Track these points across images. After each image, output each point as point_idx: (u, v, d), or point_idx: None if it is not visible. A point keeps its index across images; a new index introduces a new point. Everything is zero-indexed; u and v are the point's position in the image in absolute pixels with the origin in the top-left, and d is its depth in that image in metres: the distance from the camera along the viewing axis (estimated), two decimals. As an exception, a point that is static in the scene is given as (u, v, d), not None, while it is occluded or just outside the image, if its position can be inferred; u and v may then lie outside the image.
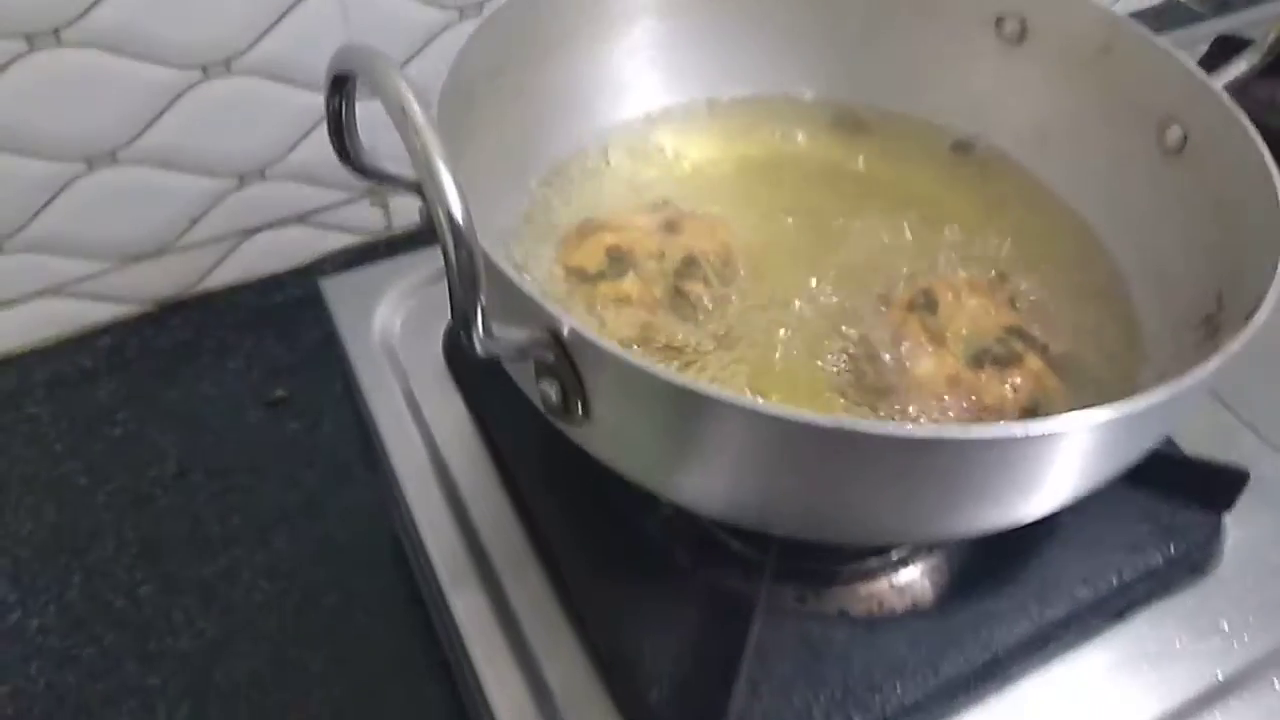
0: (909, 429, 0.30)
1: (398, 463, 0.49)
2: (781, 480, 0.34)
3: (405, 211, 0.85)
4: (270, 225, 0.80)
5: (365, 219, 0.83)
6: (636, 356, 0.31)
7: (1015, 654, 0.42)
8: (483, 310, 0.29)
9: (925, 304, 0.46)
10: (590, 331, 0.31)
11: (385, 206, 0.84)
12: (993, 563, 0.46)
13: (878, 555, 0.47)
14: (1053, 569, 0.44)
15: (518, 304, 0.32)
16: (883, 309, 0.46)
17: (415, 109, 0.27)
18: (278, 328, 0.79)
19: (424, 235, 0.84)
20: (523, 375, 0.36)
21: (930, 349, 0.44)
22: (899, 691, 0.40)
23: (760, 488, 0.35)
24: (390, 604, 0.64)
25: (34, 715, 0.58)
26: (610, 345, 0.31)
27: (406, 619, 0.63)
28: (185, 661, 0.61)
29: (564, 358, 0.32)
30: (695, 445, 0.33)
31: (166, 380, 0.76)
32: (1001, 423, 0.39)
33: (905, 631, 0.42)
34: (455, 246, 0.27)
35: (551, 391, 0.33)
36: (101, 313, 0.77)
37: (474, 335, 0.29)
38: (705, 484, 0.35)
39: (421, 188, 0.27)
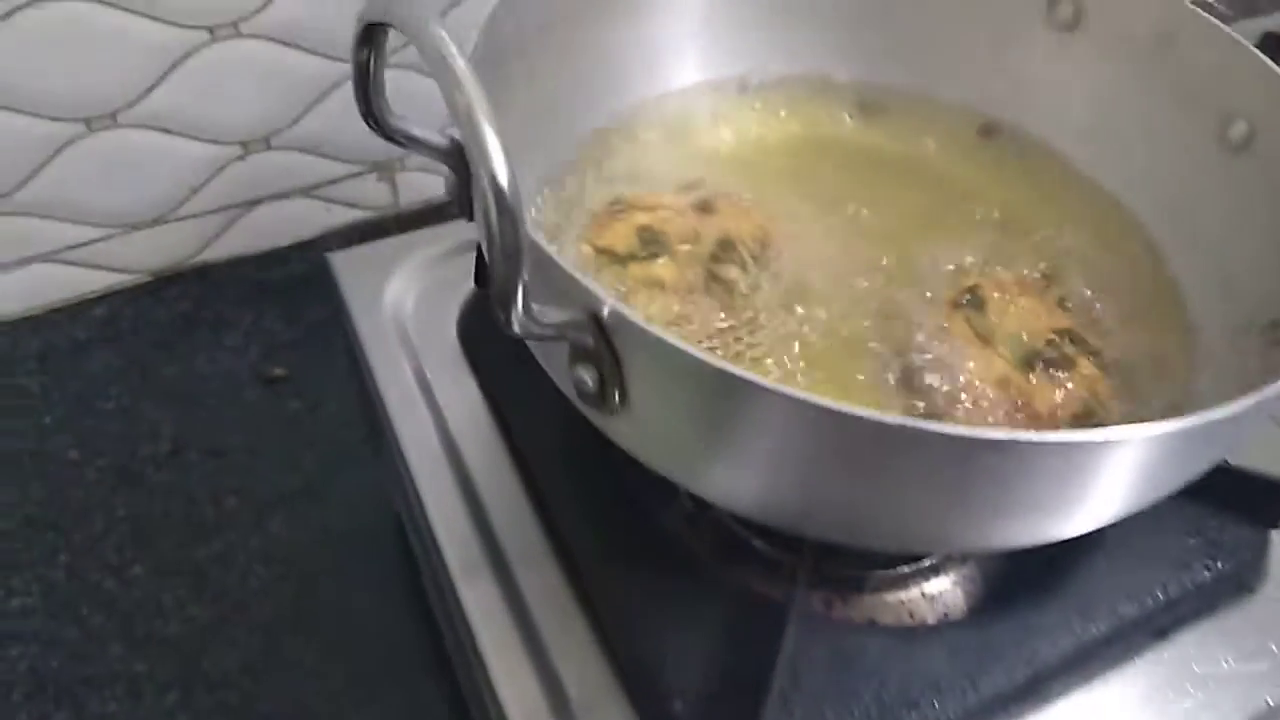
0: (978, 430, 0.27)
1: (407, 446, 0.46)
2: (826, 479, 0.31)
3: (413, 188, 0.82)
4: (274, 197, 0.77)
5: (372, 194, 0.81)
6: (684, 342, 0.28)
7: (1057, 671, 0.40)
8: (525, 286, 0.26)
9: (972, 302, 0.44)
10: (635, 314, 0.29)
11: (393, 182, 0.81)
12: (1029, 573, 0.43)
13: (910, 562, 0.45)
14: (1094, 582, 0.42)
15: (555, 283, 0.30)
16: (927, 303, 0.43)
17: (458, 60, 0.25)
18: (279, 303, 0.77)
19: (432, 213, 0.82)
20: (553, 361, 0.34)
21: (978, 349, 0.42)
22: (936, 708, 0.38)
23: (802, 486, 0.32)
24: (390, 594, 0.61)
25: (13, 700, 0.55)
26: (657, 329, 0.28)
27: (407, 610, 0.60)
28: (174, 647, 0.58)
29: (603, 341, 0.30)
30: (739, 438, 0.31)
31: (162, 354, 0.73)
32: (1071, 430, 0.36)
33: (943, 643, 0.40)
34: (499, 214, 0.25)
35: (587, 377, 0.31)
36: (97, 282, 0.74)
37: (513, 313, 0.27)
38: (743, 480, 0.33)
39: (464, 149, 0.24)
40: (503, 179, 0.24)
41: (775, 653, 0.37)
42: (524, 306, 0.27)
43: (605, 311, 0.29)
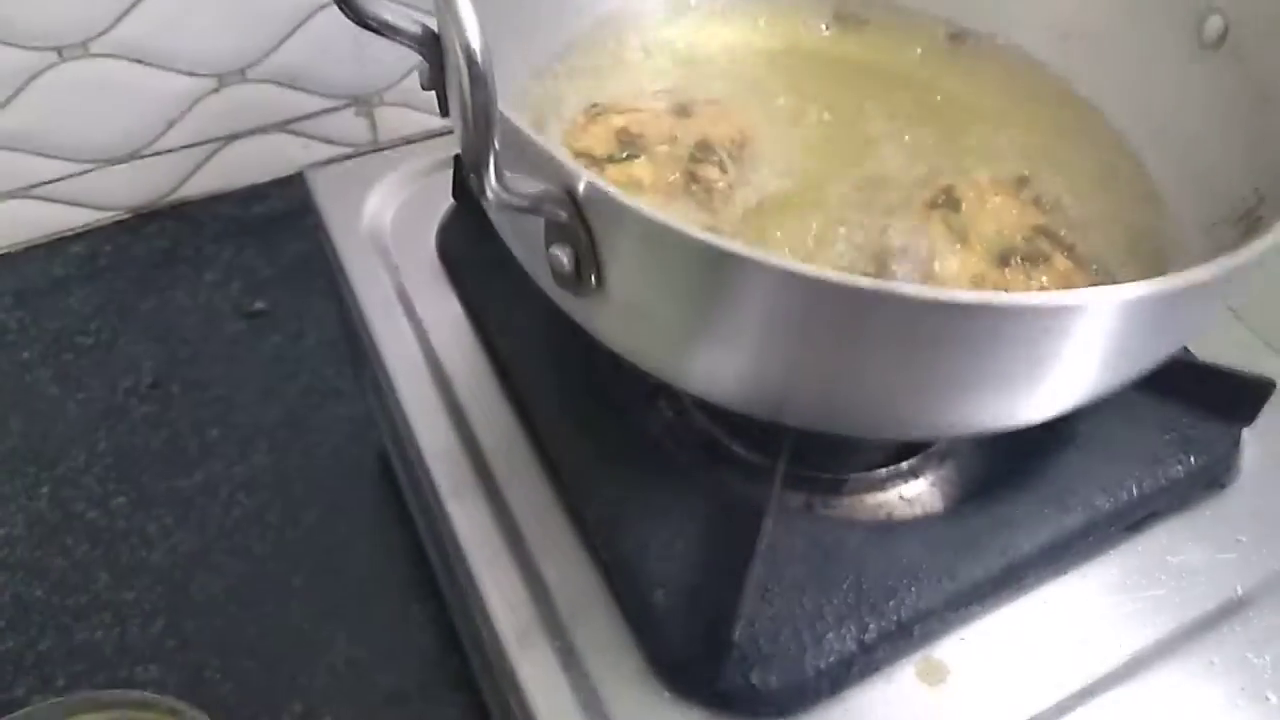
0: (949, 292, 0.28)
1: (390, 361, 0.46)
2: (803, 355, 0.31)
3: (391, 123, 0.81)
4: (251, 132, 0.76)
5: (350, 130, 0.80)
6: (658, 212, 0.28)
7: (1033, 561, 0.40)
8: (496, 155, 0.26)
9: (947, 202, 0.44)
10: (610, 186, 0.29)
11: (371, 117, 0.80)
12: (1005, 472, 0.44)
13: (887, 465, 0.45)
14: (1069, 477, 0.43)
15: (530, 160, 0.30)
16: (902, 204, 0.43)
17: (427, -82, 0.24)
18: (258, 239, 0.76)
19: (411, 148, 0.81)
20: (528, 246, 0.34)
21: (954, 248, 0.42)
22: (914, 595, 0.38)
23: (779, 364, 0.32)
24: (375, 522, 0.61)
25: None
26: (631, 200, 0.28)
27: (391, 537, 0.61)
28: (160, 575, 0.58)
29: (578, 217, 0.30)
30: (717, 314, 0.31)
31: (141, 290, 0.73)
32: (1035, 292, 0.36)
33: (920, 536, 0.40)
34: (471, 83, 0.24)
35: (563, 256, 0.31)
36: (74, 218, 0.74)
37: (486, 181, 0.27)
38: (720, 364, 0.33)
39: (439, 27, 0.24)
40: (475, 43, 0.24)
41: (753, 544, 0.37)
42: (497, 174, 0.27)
43: (581, 186, 0.29)
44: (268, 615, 0.57)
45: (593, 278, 0.31)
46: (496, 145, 0.26)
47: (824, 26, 0.52)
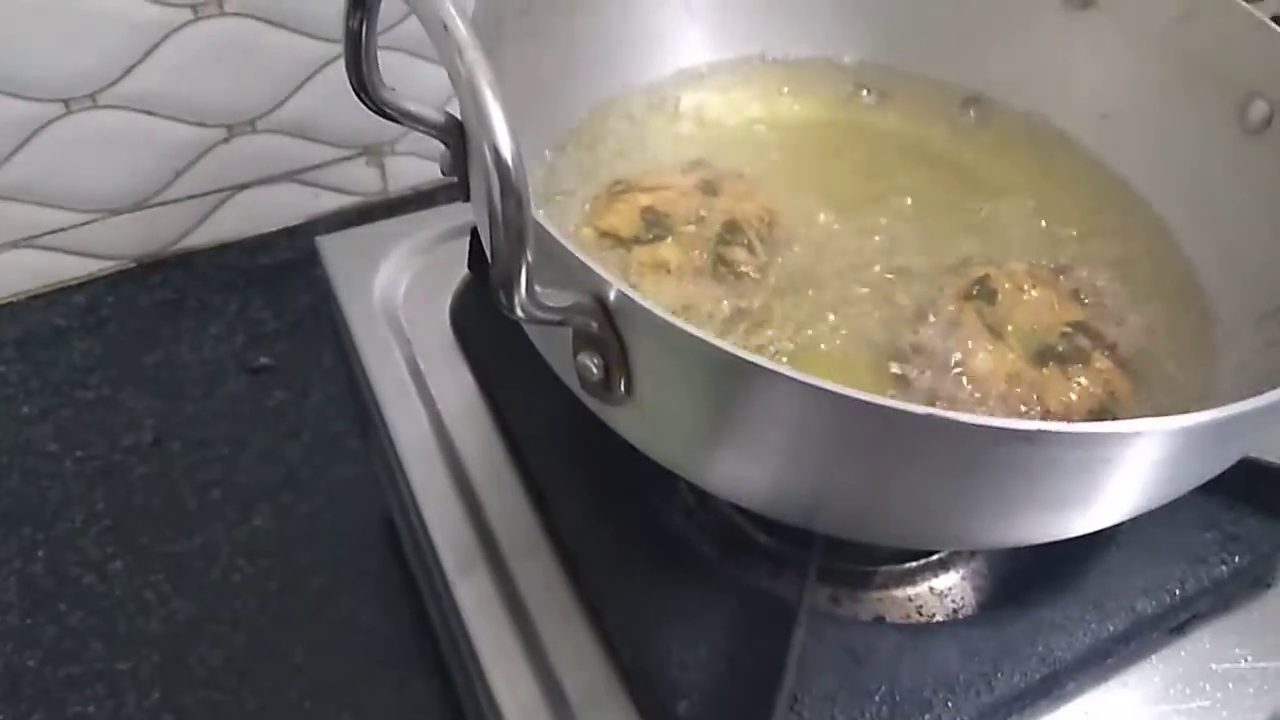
0: (1006, 421, 0.26)
1: (399, 436, 0.44)
2: (840, 471, 0.30)
3: (402, 173, 0.80)
4: (259, 182, 0.75)
5: (360, 179, 0.79)
6: (693, 327, 0.27)
7: (1073, 669, 0.38)
8: (528, 267, 0.25)
9: (982, 293, 0.42)
10: (642, 298, 0.27)
11: (381, 167, 0.79)
12: (1041, 569, 0.42)
13: (919, 557, 0.44)
14: (1109, 579, 0.41)
15: (559, 265, 0.28)
16: (937, 294, 0.42)
17: (460, 26, 0.23)
18: (265, 291, 0.75)
19: (422, 199, 0.80)
20: (555, 350, 0.32)
21: (989, 343, 0.40)
22: (951, 708, 0.36)
23: (814, 479, 0.31)
24: (380, 590, 0.60)
25: (-9, 699, 0.53)
26: (665, 314, 0.27)
27: (397, 607, 0.59)
28: (157, 644, 0.56)
29: (609, 327, 0.28)
30: (750, 428, 0.29)
31: (144, 343, 0.71)
32: (1096, 422, 0.35)
33: (955, 641, 0.38)
34: (502, 192, 0.23)
35: (592, 365, 0.29)
36: (77, 268, 0.72)
37: (515, 296, 0.25)
38: (752, 473, 0.32)
39: (464, 122, 0.23)
40: (507, 153, 0.23)
41: (785, 651, 0.36)
42: (528, 289, 0.25)
43: (612, 295, 0.28)
44: (268, 690, 0.55)
45: (622, 385, 0.30)
46: (529, 260, 0.25)
47: (850, 97, 0.51)
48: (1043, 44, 0.50)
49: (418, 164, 0.80)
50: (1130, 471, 0.28)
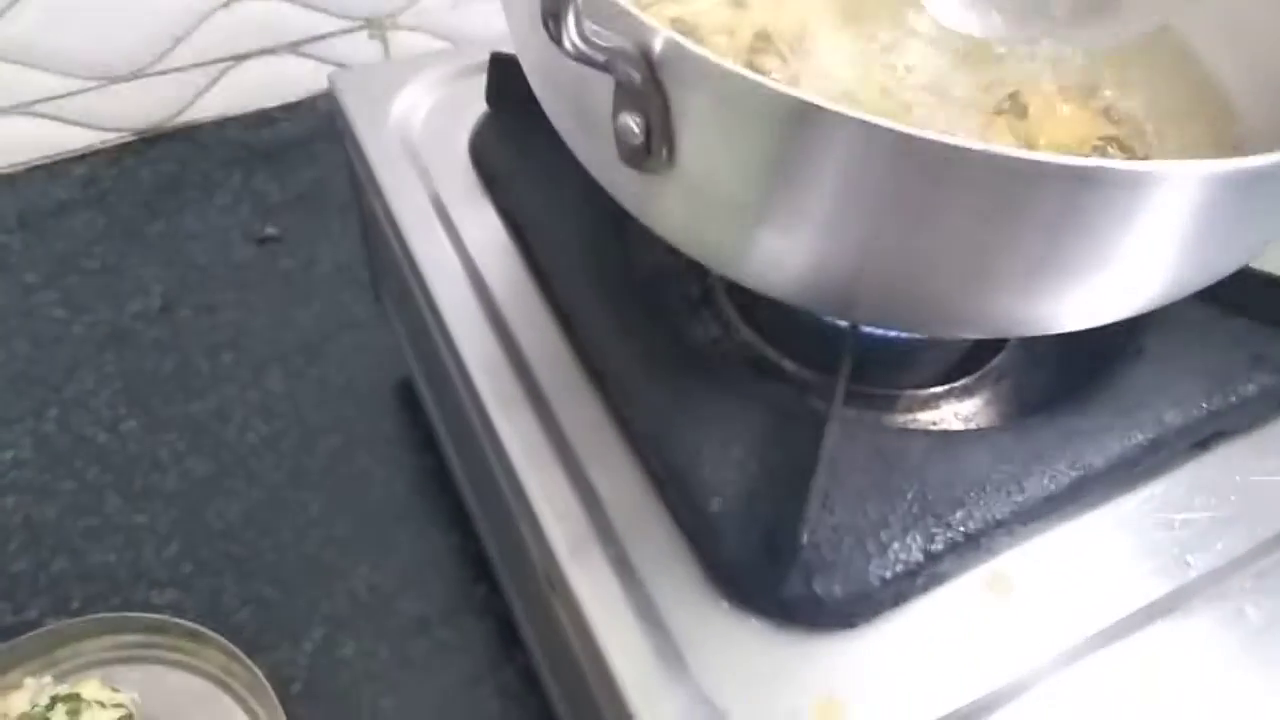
0: (1048, 156, 0.25)
1: (428, 270, 0.44)
2: (886, 235, 0.29)
3: (405, 47, 0.79)
4: (260, 52, 0.73)
5: (362, 53, 0.77)
6: (746, 70, 0.26)
7: (1101, 475, 0.38)
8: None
9: (1013, 108, 0.42)
10: (689, 42, 0.26)
11: (384, 40, 0.77)
12: (1064, 389, 0.42)
13: (943, 382, 0.44)
14: (1137, 392, 0.41)
15: (603, 14, 0.27)
16: (966, 108, 0.41)
17: None
18: (268, 165, 0.74)
19: (435, 55, 0.78)
20: (588, 122, 0.32)
21: None
22: (981, 507, 0.36)
23: (858, 251, 0.30)
24: (394, 452, 0.60)
25: (10, 550, 0.53)
26: (714, 57, 0.26)
27: (413, 466, 0.59)
28: (173, 500, 0.56)
29: (653, 81, 0.28)
30: (800, 186, 0.28)
31: (148, 214, 0.70)
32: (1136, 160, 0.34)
33: (985, 445, 0.38)
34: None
35: (633, 124, 0.28)
36: (76, 139, 0.71)
37: (564, 24, 0.24)
38: (795, 250, 0.31)
39: None
40: None
41: (816, 450, 0.36)
42: (577, 20, 0.25)
43: (658, 45, 0.27)
44: (285, 542, 0.55)
45: (664, 149, 0.29)
46: (580, -12, 0.24)
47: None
48: None
49: (420, 39, 0.78)
50: (1152, 224, 0.28)
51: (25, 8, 0.63)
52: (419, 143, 0.48)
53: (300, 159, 0.75)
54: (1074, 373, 0.43)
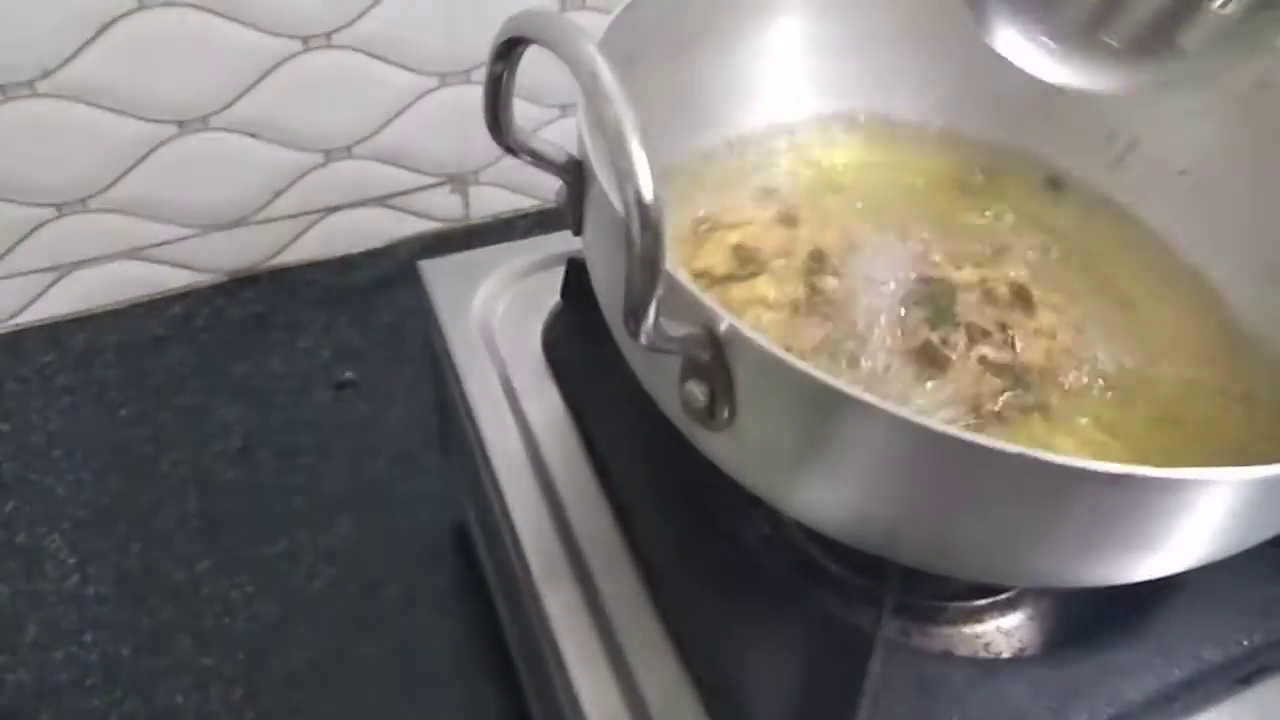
0: (1091, 463, 0.28)
1: (493, 448, 0.47)
2: (921, 504, 0.32)
3: (484, 202, 0.83)
4: (350, 205, 0.79)
5: (443, 206, 0.82)
6: (799, 360, 0.29)
7: (1140, 711, 0.39)
8: (658, 299, 0.27)
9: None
10: (751, 330, 0.29)
11: (465, 195, 0.82)
12: (1107, 612, 0.43)
13: (988, 595, 0.45)
14: (1177, 626, 0.42)
15: (673, 300, 0.30)
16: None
17: (608, 75, 0.25)
18: (350, 308, 0.78)
19: (501, 226, 0.83)
20: (660, 377, 0.34)
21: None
22: (1020, 741, 0.37)
23: (897, 508, 0.33)
24: (451, 599, 0.62)
25: (86, 685, 0.56)
26: (772, 346, 0.29)
27: (467, 615, 0.61)
28: (240, 644, 0.59)
29: (718, 357, 0.30)
30: (840, 456, 0.31)
31: (236, 353, 0.75)
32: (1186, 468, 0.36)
33: (1024, 677, 0.39)
34: (642, 229, 0.25)
35: (699, 392, 0.31)
36: (176, 279, 0.76)
37: (644, 324, 0.27)
38: (837, 500, 0.33)
39: (614, 163, 0.25)
40: (648, 195, 0.25)
41: (860, 677, 0.37)
42: (655, 320, 0.28)
43: (723, 328, 0.30)
44: (344, 693, 0.57)
45: (726, 412, 0.32)
46: (659, 293, 0.27)
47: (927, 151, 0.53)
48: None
49: (499, 194, 0.83)
50: (1208, 518, 0.30)
51: (145, 166, 0.69)
52: (497, 329, 0.52)
53: (381, 302, 0.79)
54: (1115, 596, 0.44)
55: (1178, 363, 0.45)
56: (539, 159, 0.34)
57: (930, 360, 0.42)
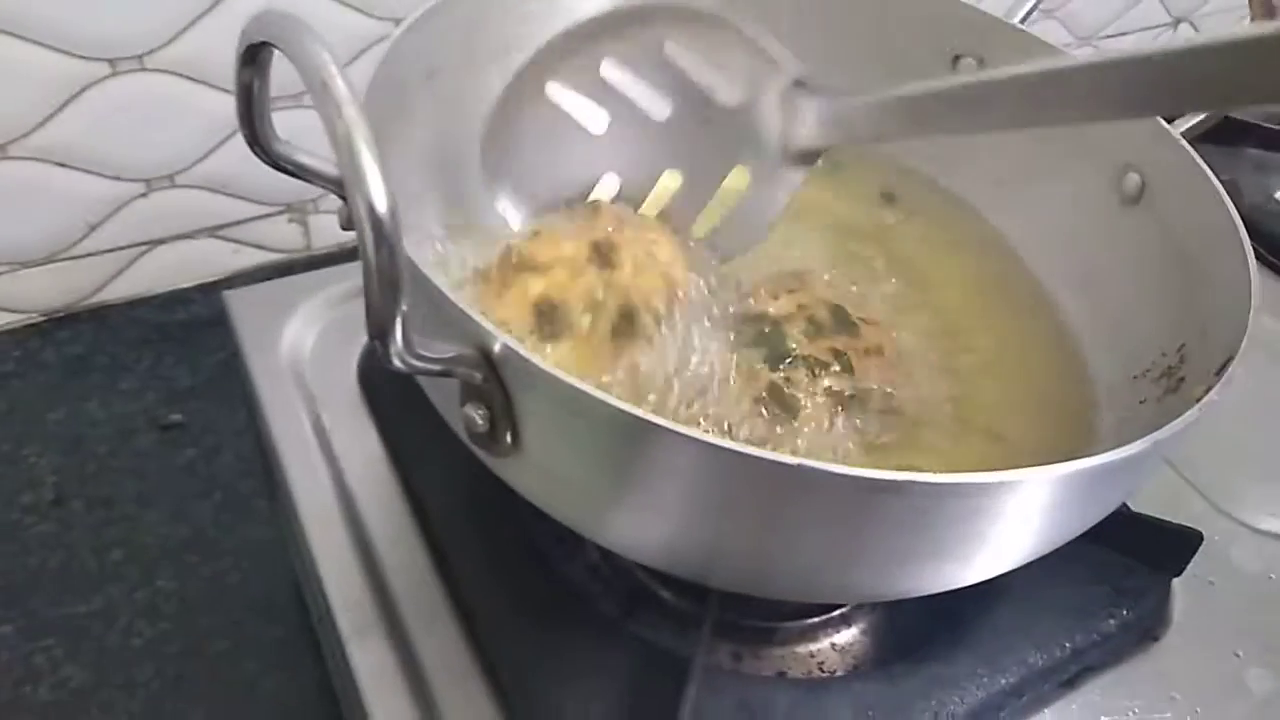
0: (875, 472, 0.27)
1: (299, 496, 0.44)
2: (725, 525, 0.31)
3: (326, 231, 0.80)
4: (177, 237, 0.74)
5: (282, 236, 0.78)
6: (577, 380, 0.27)
7: (966, 722, 0.39)
8: (403, 319, 0.25)
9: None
10: (526, 350, 0.27)
11: (304, 224, 0.79)
12: (939, 622, 0.43)
13: (820, 613, 0.44)
14: (1002, 632, 0.42)
15: (443, 317, 0.29)
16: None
17: (339, 82, 0.23)
18: (179, 347, 0.74)
19: (345, 256, 0.80)
20: (444, 398, 0.32)
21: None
22: (843, 764, 0.36)
23: (700, 532, 0.31)
24: (284, 654, 0.58)
25: None
26: (549, 367, 0.27)
27: (300, 671, 0.57)
28: (44, 714, 0.54)
29: (494, 379, 0.29)
30: (635, 481, 0.30)
31: (51, 398, 0.69)
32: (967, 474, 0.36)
33: (850, 696, 0.39)
34: (375, 243, 0.23)
35: (477, 416, 0.29)
36: (-19, 321, 0.71)
37: (391, 348, 0.25)
38: (642, 526, 0.32)
39: (340, 176, 0.23)
40: (380, 205, 0.23)
41: (677, 705, 0.36)
42: (404, 340, 0.26)
43: (496, 348, 0.28)
44: (160, 760, 0.53)
45: (508, 437, 0.30)
46: (403, 309, 0.25)
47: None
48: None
49: (340, 220, 0.80)
50: (1001, 520, 0.29)
51: (-64, 200, 0.64)
52: (308, 363, 0.49)
53: (212, 340, 0.74)
54: (944, 602, 0.44)
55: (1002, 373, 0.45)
56: (306, 173, 0.32)
57: (780, 405, 0.40)
